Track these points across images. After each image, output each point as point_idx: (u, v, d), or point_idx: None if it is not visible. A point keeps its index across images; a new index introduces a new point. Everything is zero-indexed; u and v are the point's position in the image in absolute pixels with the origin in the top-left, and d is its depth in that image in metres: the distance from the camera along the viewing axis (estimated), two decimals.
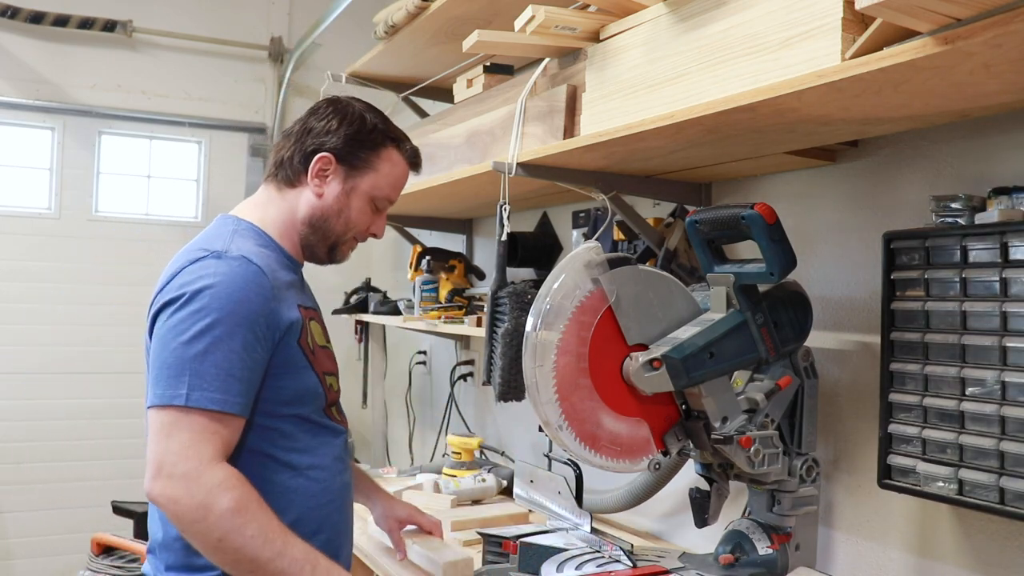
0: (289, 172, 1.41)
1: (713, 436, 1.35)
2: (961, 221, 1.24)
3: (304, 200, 1.40)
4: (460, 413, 2.96)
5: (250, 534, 1.14)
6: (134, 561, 2.60)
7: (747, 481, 1.45)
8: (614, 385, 1.33)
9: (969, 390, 1.20)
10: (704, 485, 1.46)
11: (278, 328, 1.27)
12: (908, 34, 0.93)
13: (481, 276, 2.75)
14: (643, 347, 1.34)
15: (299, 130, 1.43)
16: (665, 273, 1.45)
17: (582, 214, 2.28)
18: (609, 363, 1.33)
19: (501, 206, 1.70)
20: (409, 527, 1.73)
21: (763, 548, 1.45)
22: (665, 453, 1.37)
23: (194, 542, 1.16)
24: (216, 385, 1.18)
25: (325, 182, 1.40)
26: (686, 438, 1.39)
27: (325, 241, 1.43)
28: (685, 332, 1.33)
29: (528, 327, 1.31)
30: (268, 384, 1.28)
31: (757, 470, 1.38)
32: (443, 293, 2.63)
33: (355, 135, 1.41)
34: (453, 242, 2.99)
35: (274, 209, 1.42)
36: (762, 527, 1.46)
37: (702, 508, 1.43)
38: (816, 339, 1.61)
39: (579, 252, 1.33)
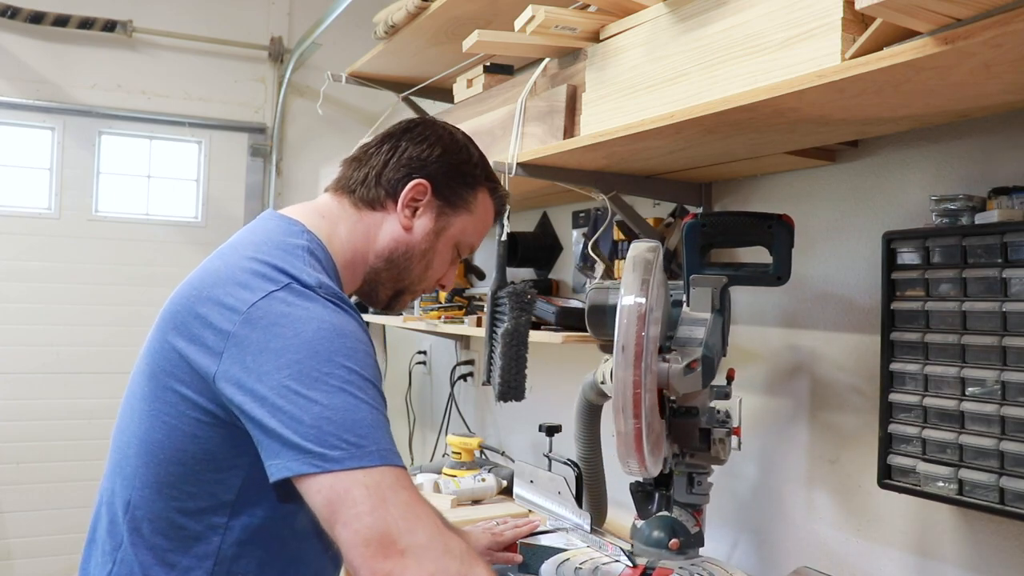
0: (374, 192, 1.19)
1: (716, 430, 1.39)
2: (961, 221, 1.24)
3: (388, 229, 1.18)
4: (460, 413, 2.97)
5: None
6: None
7: (684, 466, 1.48)
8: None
9: (969, 390, 1.20)
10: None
11: None
12: (908, 34, 0.93)
13: (481, 276, 2.75)
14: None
15: (389, 148, 1.20)
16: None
17: (582, 214, 2.28)
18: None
19: None
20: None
21: (692, 527, 1.49)
22: None
23: None
24: (391, 439, 0.96)
25: (416, 214, 1.19)
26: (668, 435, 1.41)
27: (396, 283, 1.21)
28: (692, 332, 1.34)
29: (627, 340, 1.16)
30: None
31: (727, 456, 1.42)
32: (443, 293, 2.63)
33: (458, 167, 1.21)
34: None
35: (346, 229, 1.17)
36: (685, 508, 1.50)
37: (647, 500, 1.45)
38: (816, 339, 1.61)
39: (648, 254, 1.25)
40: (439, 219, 1.21)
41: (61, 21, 3.46)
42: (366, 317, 3.02)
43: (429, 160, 1.19)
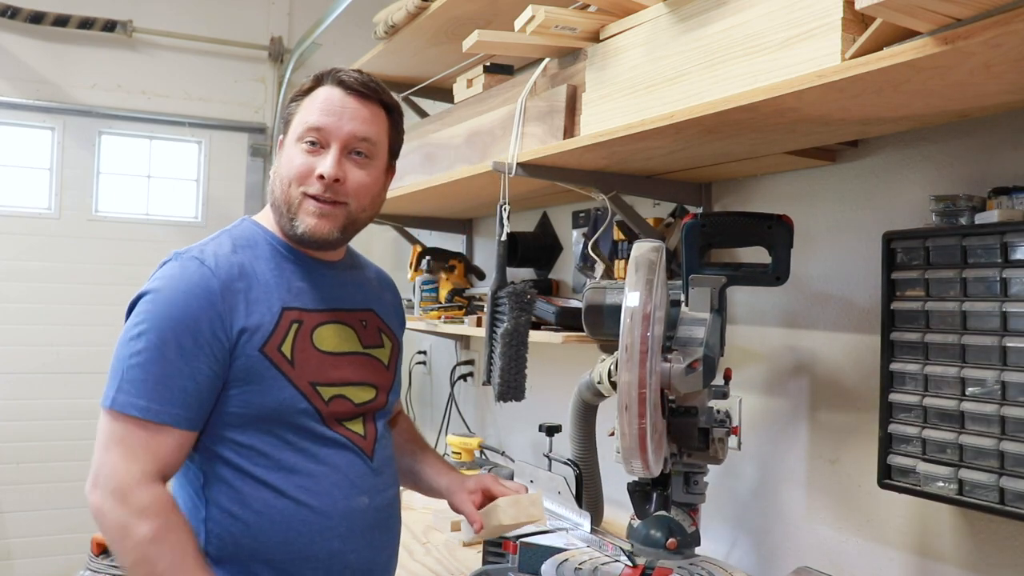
0: None
1: (716, 429, 1.39)
2: (961, 221, 1.24)
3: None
4: (460, 413, 2.97)
5: (161, 568, 1.09)
6: None
7: (681, 466, 1.48)
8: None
9: (969, 390, 1.20)
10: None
11: (228, 334, 1.17)
12: (908, 34, 0.93)
13: (481, 276, 2.75)
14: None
15: None
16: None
17: (582, 214, 2.28)
18: None
19: (501, 206, 1.70)
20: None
21: (688, 527, 1.49)
22: None
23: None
24: (143, 392, 1.12)
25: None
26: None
27: (282, 216, 1.27)
28: (692, 332, 1.33)
29: (632, 340, 1.12)
30: (231, 396, 1.18)
31: (725, 456, 1.42)
32: (443, 293, 2.63)
33: (289, 104, 1.31)
34: (453, 242, 2.99)
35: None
36: (682, 508, 1.50)
37: (645, 500, 1.44)
38: (816, 339, 1.61)
39: (651, 255, 1.21)
40: (283, 142, 1.30)
41: (61, 21, 3.46)
42: None
43: (281, 122, 1.33)
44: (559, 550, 1.60)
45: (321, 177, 1.22)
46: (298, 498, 1.19)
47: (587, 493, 1.86)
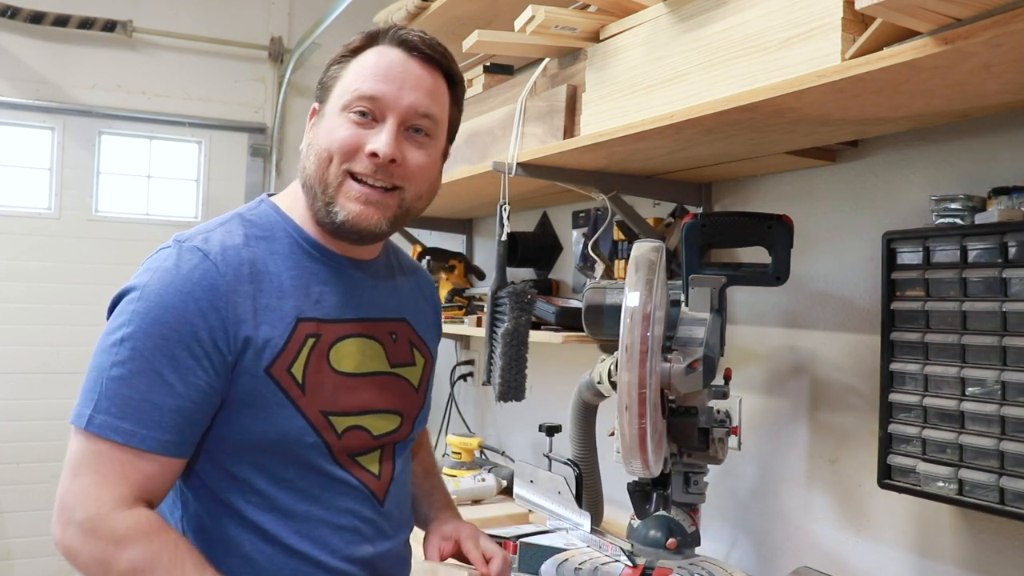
0: None
1: (716, 429, 1.39)
2: (961, 221, 1.24)
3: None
4: (460, 413, 2.97)
5: None
6: None
7: (681, 466, 1.47)
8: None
9: (969, 390, 1.20)
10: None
11: (231, 346, 0.98)
12: (908, 34, 0.93)
13: (481, 276, 2.75)
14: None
15: None
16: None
17: (582, 214, 2.28)
18: None
19: (501, 206, 1.70)
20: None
21: (688, 527, 1.49)
22: None
23: None
24: (127, 412, 0.94)
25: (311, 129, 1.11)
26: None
27: (316, 199, 1.05)
28: (692, 332, 1.34)
29: (632, 340, 1.10)
30: (228, 420, 1.00)
31: (725, 456, 1.42)
32: (443, 293, 2.63)
33: (328, 69, 1.11)
34: (453, 242, 2.99)
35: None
36: (682, 508, 1.50)
37: (645, 500, 1.44)
38: (816, 339, 1.61)
39: (651, 255, 1.20)
40: (319, 111, 1.11)
41: (61, 21, 3.46)
42: None
43: (318, 88, 1.13)
44: (559, 550, 1.60)
45: (374, 155, 1.02)
46: (292, 545, 1.03)
47: (587, 493, 1.86)
